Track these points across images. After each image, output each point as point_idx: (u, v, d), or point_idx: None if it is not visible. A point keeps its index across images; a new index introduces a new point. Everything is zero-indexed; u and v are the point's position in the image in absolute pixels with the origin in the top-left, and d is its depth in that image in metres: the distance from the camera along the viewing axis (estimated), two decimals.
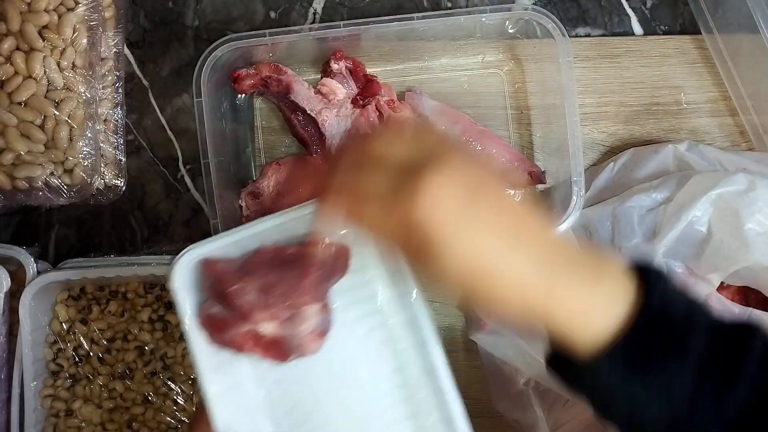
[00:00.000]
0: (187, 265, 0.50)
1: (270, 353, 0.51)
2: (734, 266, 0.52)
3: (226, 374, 0.52)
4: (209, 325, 0.50)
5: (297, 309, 0.50)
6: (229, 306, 0.49)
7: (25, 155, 0.60)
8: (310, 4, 0.70)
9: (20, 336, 0.63)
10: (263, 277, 0.49)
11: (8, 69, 0.59)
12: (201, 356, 0.50)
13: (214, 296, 0.50)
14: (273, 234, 0.52)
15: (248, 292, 0.48)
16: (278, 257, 0.51)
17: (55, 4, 0.60)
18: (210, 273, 0.50)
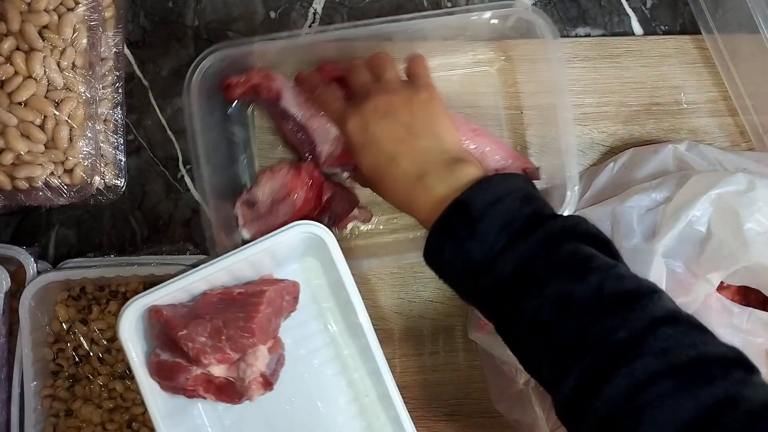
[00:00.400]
0: (135, 315, 0.51)
1: (222, 396, 0.51)
2: (734, 266, 0.52)
3: (183, 418, 0.53)
4: (159, 371, 0.51)
5: (246, 350, 0.50)
6: (177, 351, 0.50)
7: (25, 155, 0.60)
8: (310, 4, 0.70)
9: (20, 336, 0.63)
10: (211, 321, 0.50)
11: (8, 69, 0.59)
12: (154, 403, 0.51)
13: (163, 343, 0.51)
14: (220, 276, 0.53)
15: (196, 336, 0.49)
16: (225, 299, 0.52)
17: (55, 4, 0.60)
18: (157, 320, 0.50)
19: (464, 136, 0.63)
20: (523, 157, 0.65)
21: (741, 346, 0.55)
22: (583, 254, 0.43)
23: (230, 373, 0.52)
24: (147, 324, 0.52)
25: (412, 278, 0.68)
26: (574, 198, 0.59)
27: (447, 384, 0.68)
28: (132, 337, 0.51)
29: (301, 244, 0.55)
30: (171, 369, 0.50)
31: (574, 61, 0.69)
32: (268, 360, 0.52)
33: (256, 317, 0.50)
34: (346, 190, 0.64)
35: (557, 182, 0.61)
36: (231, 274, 0.53)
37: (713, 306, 0.55)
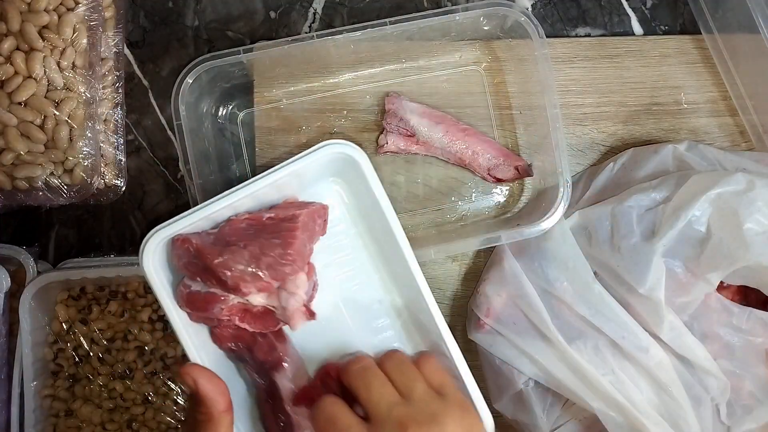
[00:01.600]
0: (158, 245, 0.48)
1: (258, 324, 0.49)
2: (733, 266, 0.52)
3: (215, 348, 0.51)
4: (191, 303, 0.48)
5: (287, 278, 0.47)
6: (212, 280, 0.47)
7: (25, 155, 0.60)
8: (310, 4, 0.70)
9: (20, 336, 0.63)
10: (246, 247, 0.47)
11: (8, 69, 0.59)
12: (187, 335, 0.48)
13: (193, 273, 0.47)
14: (246, 202, 0.50)
15: (234, 264, 0.46)
16: (255, 224, 0.49)
17: (55, 4, 0.60)
18: (186, 249, 0.47)
19: (454, 137, 0.63)
20: (515, 155, 0.65)
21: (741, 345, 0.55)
22: None
23: (270, 302, 0.48)
24: (171, 254, 0.49)
25: None
26: (566, 195, 0.59)
27: None
28: (156, 269, 0.48)
29: (331, 165, 0.52)
30: (205, 299, 0.47)
31: (574, 61, 0.69)
32: (307, 289, 0.49)
33: (295, 243, 0.47)
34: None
35: (550, 180, 0.61)
36: (258, 199, 0.51)
37: (713, 306, 0.55)
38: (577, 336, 0.57)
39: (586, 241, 0.59)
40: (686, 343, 0.55)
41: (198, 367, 0.46)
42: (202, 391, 0.45)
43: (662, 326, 0.54)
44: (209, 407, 0.45)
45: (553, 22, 0.71)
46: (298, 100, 0.68)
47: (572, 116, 0.69)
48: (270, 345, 0.50)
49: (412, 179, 0.67)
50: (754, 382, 0.56)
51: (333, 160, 0.51)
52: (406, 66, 0.68)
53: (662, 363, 0.55)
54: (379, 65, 0.68)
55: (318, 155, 0.51)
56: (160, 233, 0.47)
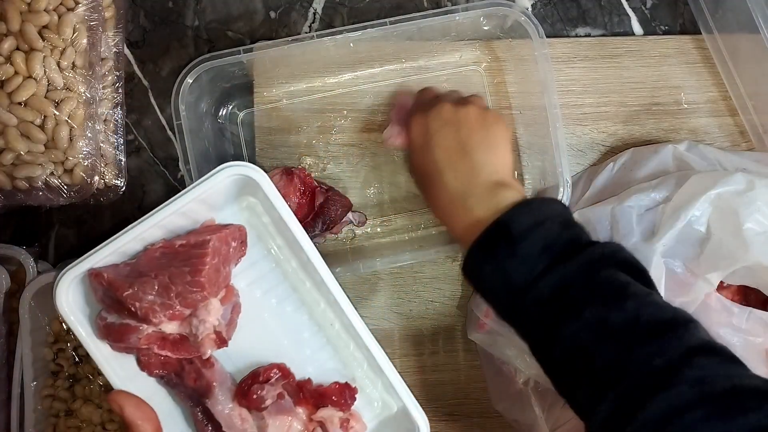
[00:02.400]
0: (71, 283, 0.49)
1: (179, 351, 0.49)
2: (733, 266, 0.52)
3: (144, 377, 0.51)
4: (108, 334, 0.49)
5: (197, 305, 0.48)
6: (124, 312, 0.48)
7: (25, 155, 0.60)
8: (310, 4, 0.70)
9: (20, 336, 0.63)
10: (157, 277, 0.48)
11: (8, 69, 0.59)
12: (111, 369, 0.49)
13: (108, 305, 0.49)
14: (155, 232, 0.50)
15: (143, 295, 0.47)
16: (168, 253, 0.49)
17: (55, 4, 0.60)
18: (99, 283, 0.48)
19: None
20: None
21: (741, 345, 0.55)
22: (620, 281, 0.44)
23: (183, 330, 0.49)
24: (89, 289, 0.50)
25: (411, 278, 0.68)
26: (566, 195, 0.59)
27: (447, 384, 0.68)
28: (73, 308, 0.49)
29: (234, 186, 0.52)
30: (120, 330, 0.48)
31: (574, 61, 0.69)
32: (222, 311, 0.50)
33: (203, 270, 0.48)
34: (339, 195, 0.63)
35: (550, 180, 0.61)
36: (166, 228, 0.51)
37: (713, 306, 0.55)
38: None
39: None
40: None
41: (124, 394, 0.48)
42: (129, 418, 0.47)
43: None
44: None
45: (553, 22, 0.71)
46: (298, 100, 0.68)
47: (572, 116, 0.69)
48: (197, 371, 0.51)
49: (412, 179, 0.67)
50: None
51: (235, 181, 0.52)
52: (406, 66, 0.68)
53: None
54: (379, 65, 0.68)
55: (217, 179, 0.50)
56: (72, 271, 0.49)
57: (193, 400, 0.51)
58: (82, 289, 0.50)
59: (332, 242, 0.68)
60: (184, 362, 0.51)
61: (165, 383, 0.52)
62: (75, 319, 0.49)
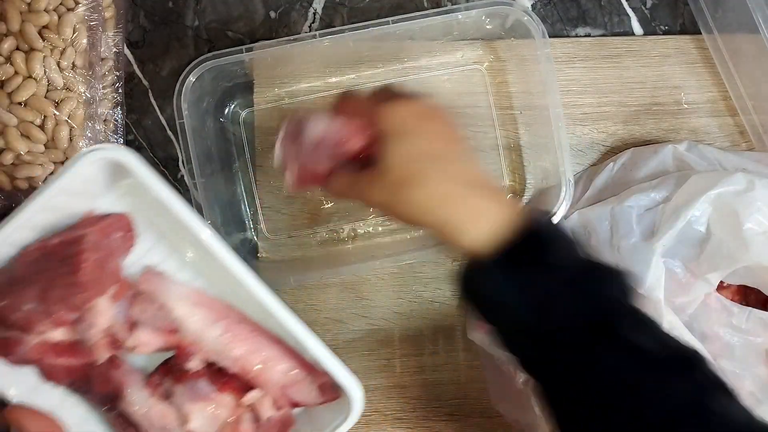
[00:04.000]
0: None
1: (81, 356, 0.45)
2: (733, 266, 0.52)
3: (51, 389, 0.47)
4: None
5: (82, 307, 0.44)
6: (3, 325, 0.43)
7: (25, 155, 0.60)
8: (310, 4, 0.70)
9: None
10: (35, 283, 0.43)
11: (8, 69, 0.59)
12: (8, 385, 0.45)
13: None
14: (27, 234, 0.45)
15: (20, 305, 0.43)
16: (44, 253, 0.44)
17: (55, 4, 0.60)
18: None
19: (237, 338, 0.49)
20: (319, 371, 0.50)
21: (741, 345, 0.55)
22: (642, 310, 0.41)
23: (71, 336, 0.45)
24: None
25: (412, 278, 0.68)
26: (568, 195, 0.59)
27: (447, 384, 0.68)
28: None
29: (104, 172, 0.46)
30: (4, 345, 0.44)
31: (574, 61, 0.69)
32: (115, 310, 0.45)
33: (83, 267, 0.43)
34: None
35: (551, 180, 0.62)
36: (39, 227, 0.46)
37: (713, 306, 0.55)
38: None
39: (586, 241, 0.59)
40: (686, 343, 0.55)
41: (19, 409, 0.45)
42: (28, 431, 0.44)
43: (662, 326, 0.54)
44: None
45: (553, 22, 0.71)
46: (299, 99, 0.68)
47: (572, 116, 0.69)
48: (104, 375, 0.47)
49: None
50: (754, 382, 0.56)
51: (103, 167, 0.46)
52: (407, 66, 0.68)
53: None
54: (381, 65, 0.68)
55: (79, 168, 0.44)
56: None
57: (106, 405, 0.48)
58: None
59: (333, 242, 0.68)
60: (88, 368, 0.46)
61: (74, 390, 0.48)
62: None
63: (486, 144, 0.68)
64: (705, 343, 0.55)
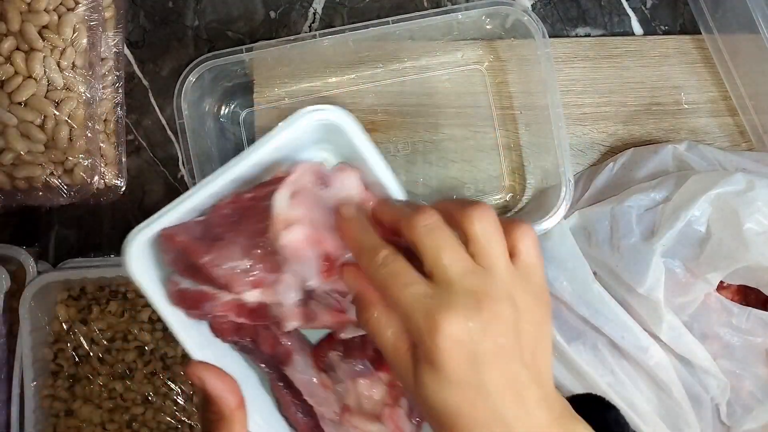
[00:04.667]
0: (142, 245, 0.43)
1: (258, 318, 0.44)
2: (733, 266, 0.52)
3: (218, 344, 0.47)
4: (181, 301, 0.43)
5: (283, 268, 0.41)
6: (200, 277, 0.42)
7: (25, 155, 0.60)
8: (310, 4, 0.70)
9: (20, 336, 0.63)
10: (236, 239, 0.42)
11: (8, 69, 0.59)
12: (188, 337, 0.44)
13: (182, 269, 0.43)
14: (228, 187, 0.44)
15: (222, 261, 0.41)
16: (238, 208, 0.43)
17: (55, 4, 0.60)
18: (172, 246, 0.43)
19: None
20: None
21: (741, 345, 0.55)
22: None
23: (266, 298, 0.43)
24: (159, 249, 0.44)
25: None
26: (568, 195, 0.59)
27: None
28: (143, 270, 0.43)
29: (315, 133, 0.46)
30: (195, 298, 0.43)
31: (574, 61, 0.69)
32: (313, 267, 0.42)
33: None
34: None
35: (552, 180, 0.61)
36: (240, 182, 0.45)
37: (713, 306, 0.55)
38: (576, 336, 0.57)
39: (586, 241, 0.59)
40: (686, 343, 0.55)
41: (203, 365, 0.43)
42: (210, 390, 0.42)
43: (661, 326, 0.54)
44: (219, 406, 0.42)
45: (553, 22, 0.71)
46: (298, 99, 0.68)
47: (572, 116, 0.69)
48: (274, 338, 0.46)
49: (412, 179, 0.67)
50: (754, 382, 0.56)
51: (317, 127, 0.45)
52: (407, 65, 0.68)
53: (661, 363, 0.55)
54: (381, 65, 0.68)
55: (300, 125, 0.44)
56: (141, 234, 0.43)
57: (269, 366, 0.47)
58: (151, 251, 0.44)
59: None
60: (260, 328, 0.45)
61: (239, 349, 0.47)
62: (147, 284, 0.43)
63: (486, 144, 0.68)
64: (705, 343, 0.55)
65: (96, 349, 0.66)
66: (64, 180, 0.62)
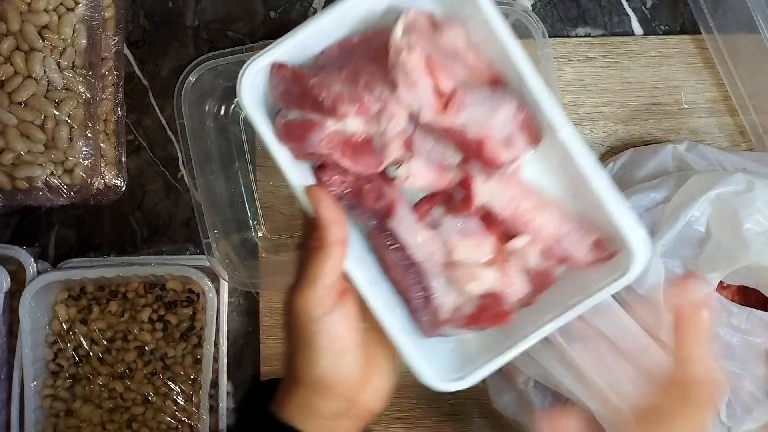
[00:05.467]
0: (254, 76, 0.42)
1: (360, 160, 0.43)
2: (733, 266, 0.52)
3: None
4: (288, 133, 0.43)
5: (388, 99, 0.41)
6: (308, 105, 0.42)
7: (25, 155, 0.60)
8: (310, 4, 0.70)
9: (20, 336, 0.63)
10: (344, 66, 0.42)
11: (8, 69, 0.59)
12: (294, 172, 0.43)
13: (290, 101, 0.43)
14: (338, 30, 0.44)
15: (330, 84, 0.41)
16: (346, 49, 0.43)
17: (55, 4, 0.60)
18: (282, 76, 0.43)
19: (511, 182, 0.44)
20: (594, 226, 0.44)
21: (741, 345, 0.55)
22: None
23: (369, 128, 0.42)
24: (269, 86, 0.44)
25: None
26: None
27: None
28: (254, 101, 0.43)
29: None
30: (302, 127, 0.42)
31: (574, 61, 0.69)
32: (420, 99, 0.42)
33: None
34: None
35: None
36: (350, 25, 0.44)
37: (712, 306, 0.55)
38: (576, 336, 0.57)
39: None
40: None
41: (322, 191, 0.43)
42: (321, 215, 0.41)
43: (661, 326, 0.54)
44: (325, 234, 0.41)
45: (553, 22, 0.71)
46: None
47: (572, 116, 0.69)
48: (378, 190, 0.44)
49: None
50: (754, 382, 0.56)
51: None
52: None
53: (662, 363, 0.55)
54: None
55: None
56: (255, 63, 0.42)
57: (374, 220, 0.45)
58: (262, 88, 0.44)
59: None
60: (362, 182, 0.44)
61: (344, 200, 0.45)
62: (258, 116, 0.43)
63: None
64: None
65: (96, 349, 0.66)
66: (64, 180, 0.62)
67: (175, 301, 0.67)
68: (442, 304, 0.44)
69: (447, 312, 0.44)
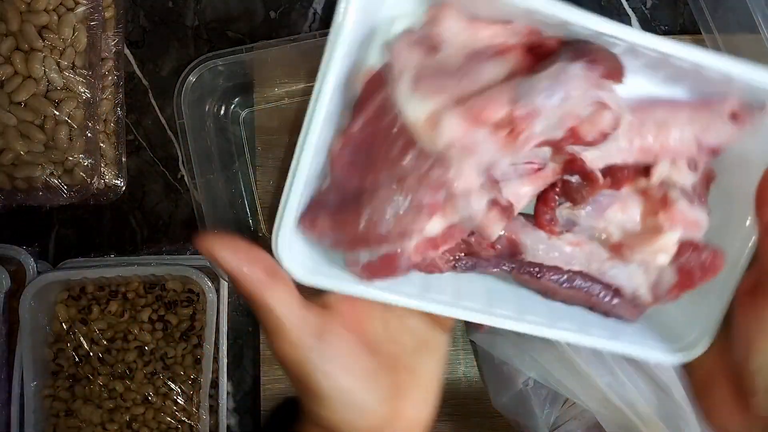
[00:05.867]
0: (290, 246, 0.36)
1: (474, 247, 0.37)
2: None
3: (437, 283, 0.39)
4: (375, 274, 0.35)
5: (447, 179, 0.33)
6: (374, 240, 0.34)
7: (25, 155, 0.60)
8: (310, 4, 0.70)
9: (20, 336, 0.63)
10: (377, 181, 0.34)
11: (8, 69, 0.59)
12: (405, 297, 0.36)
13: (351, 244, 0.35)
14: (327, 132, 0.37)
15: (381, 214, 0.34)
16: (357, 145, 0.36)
17: (55, 4, 0.60)
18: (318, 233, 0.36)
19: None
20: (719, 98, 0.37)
21: None
22: None
23: (451, 219, 0.35)
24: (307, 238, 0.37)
25: None
26: None
27: (447, 384, 0.68)
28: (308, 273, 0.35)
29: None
30: (384, 265, 0.35)
31: None
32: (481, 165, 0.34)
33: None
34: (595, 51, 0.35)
35: None
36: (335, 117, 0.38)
37: None
38: None
39: None
40: None
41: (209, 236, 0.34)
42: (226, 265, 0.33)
43: None
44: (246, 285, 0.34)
45: None
46: (298, 99, 0.68)
47: None
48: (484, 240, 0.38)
49: None
50: None
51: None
52: None
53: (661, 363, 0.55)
54: None
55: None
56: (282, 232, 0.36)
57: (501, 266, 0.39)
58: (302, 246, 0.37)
59: None
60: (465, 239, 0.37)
61: (462, 269, 0.39)
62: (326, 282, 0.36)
63: None
64: None
65: (96, 349, 0.66)
66: (64, 180, 0.62)
67: (175, 301, 0.67)
68: (636, 288, 0.38)
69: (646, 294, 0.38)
